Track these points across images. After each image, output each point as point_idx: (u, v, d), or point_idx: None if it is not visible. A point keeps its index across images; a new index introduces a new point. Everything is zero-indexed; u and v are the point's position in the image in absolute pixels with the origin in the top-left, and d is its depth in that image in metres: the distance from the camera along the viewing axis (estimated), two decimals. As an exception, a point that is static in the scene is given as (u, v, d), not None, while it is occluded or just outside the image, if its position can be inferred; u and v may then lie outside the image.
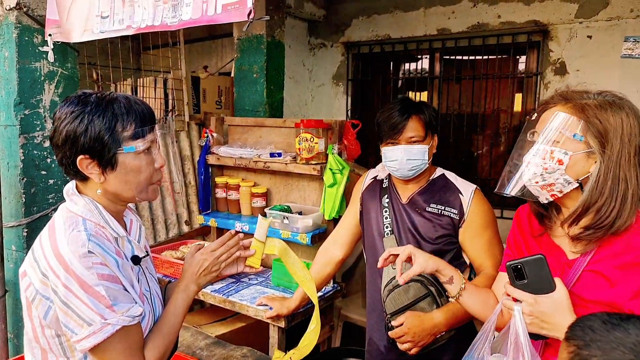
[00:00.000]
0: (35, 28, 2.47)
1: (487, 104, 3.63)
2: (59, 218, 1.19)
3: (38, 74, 2.50)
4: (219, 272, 1.39)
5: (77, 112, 1.15)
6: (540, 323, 1.12)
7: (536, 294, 1.11)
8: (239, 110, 3.59)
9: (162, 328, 1.27)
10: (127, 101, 1.20)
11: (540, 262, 1.12)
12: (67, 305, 1.10)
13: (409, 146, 1.84)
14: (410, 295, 1.80)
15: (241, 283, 2.63)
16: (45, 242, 1.15)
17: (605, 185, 1.12)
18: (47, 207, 2.57)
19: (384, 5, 3.82)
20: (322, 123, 2.55)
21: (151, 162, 1.23)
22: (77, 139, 1.15)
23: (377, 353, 2.00)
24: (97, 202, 1.21)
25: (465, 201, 1.86)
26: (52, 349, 1.19)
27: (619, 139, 1.11)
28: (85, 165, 1.17)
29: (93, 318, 1.10)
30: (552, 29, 3.21)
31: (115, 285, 1.14)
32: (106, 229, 1.20)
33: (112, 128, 1.15)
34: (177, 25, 1.64)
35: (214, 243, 1.40)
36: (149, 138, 1.21)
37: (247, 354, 2.24)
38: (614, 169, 1.12)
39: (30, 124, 2.50)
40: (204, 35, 5.26)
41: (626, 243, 1.11)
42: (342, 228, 2.19)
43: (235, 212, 3.01)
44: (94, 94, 1.20)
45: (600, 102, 1.15)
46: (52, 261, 1.11)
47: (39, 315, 1.16)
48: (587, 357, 0.82)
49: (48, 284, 1.12)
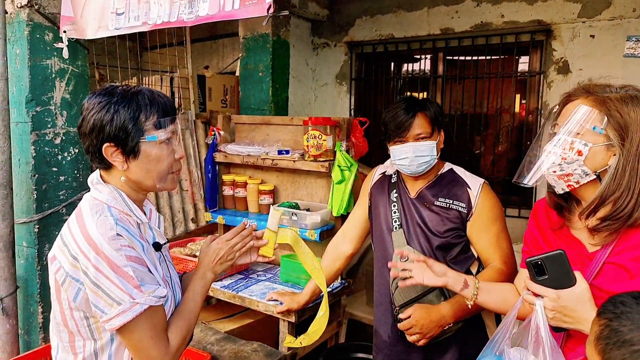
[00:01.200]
0: (46, 26, 2.49)
1: (490, 103, 3.66)
2: (85, 205, 1.24)
3: (49, 71, 2.52)
4: (234, 261, 1.43)
5: (104, 103, 1.21)
6: (562, 317, 1.14)
7: (557, 289, 1.13)
8: (244, 109, 3.61)
9: (183, 312, 1.31)
10: (151, 94, 1.27)
11: (560, 258, 1.13)
12: (98, 285, 1.14)
13: (417, 143, 1.86)
14: (418, 288, 1.84)
15: (250, 279, 2.65)
16: (74, 226, 1.20)
17: (623, 177, 1.14)
18: (58, 204, 2.59)
19: (388, 5, 3.84)
20: (330, 120, 2.58)
21: (171, 152, 1.29)
22: (103, 128, 1.21)
23: (384, 346, 2.02)
24: (121, 190, 1.27)
25: (474, 195, 1.88)
26: (80, 331, 1.23)
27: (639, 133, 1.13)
28: (110, 153, 1.23)
29: (122, 297, 1.14)
30: (555, 29, 3.25)
31: (141, 267, 1.19)
32: (130, 216, 1.25)
33: (136, 118, 1.22)
34: (193, 21, 1.66)
35: (228, 233, 1.44)
36: (170, 129, 1.27)
37: (258, 349, 2.26)
38: (633, 162, 1.13)
39: (41, 120, 2.52)
40: (205, 35, 5.27)
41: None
42: (350, 223, 2.21)
43: (242, 209, 3.03)
44: (121, 86, 1.26)
45: (622, 96, 1.17)
46: (82, 244, 1.15)
47: (68, 297, 1.20)
48: (617, 327, 0.85)
49: (78, 267, 1.16)
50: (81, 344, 1.24)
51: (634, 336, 0.82)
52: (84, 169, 2.72)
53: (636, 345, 0.81)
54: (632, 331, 0.83)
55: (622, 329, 0.84)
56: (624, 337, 0.83)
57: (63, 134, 2.62)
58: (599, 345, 0.87)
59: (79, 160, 2.71)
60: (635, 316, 0.84)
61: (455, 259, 1.88)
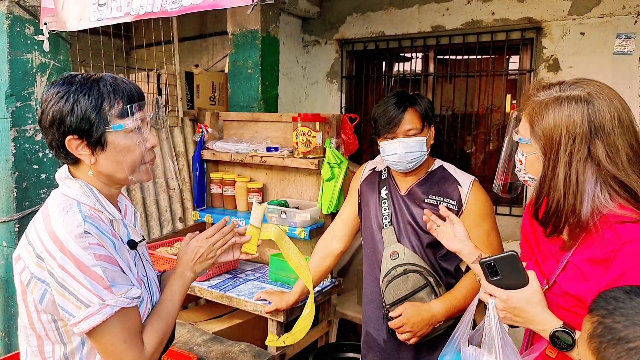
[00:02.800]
0: (27, 19, 2.42)
1: (481, 101, 3.64)
2: (52, 202, 1.16)
3: (30, 65, 2.45)
4: (214, 259, 1.36)
5: (63, 92, 1.13)
6: (512, 317, 1.15)
7: (510, 289, 1.14)
8: (233, 106, 3.56)
9: (160, 314, 1.24)
10: (114, 80, 1.18)
11: (512, 259, 1.14)
12: (64, 287, 1.07)
13: (407, 139, 1.84)
14: (409, 286, 1.81)
15: (238, 279, 2.60)
16: (40, 224, 1.12)
17: (556, 182, 1.10)
18: (40, 202, 2.52)
19: (378, 2, 3.82)
20: (319, 117, 2.54)
21: (142, 142, 1.20)
22: (63, 119, 1.12)
23: (374, 344, 1.99)
24: (91, 185, 1.19)
25: (464, 192, 1.86)
26: (48, 335, 1.16)
27: (561, 139, 1.08)
28: (75, 147, 1.14)
29: (91, 299, 1.07)
30: (545, 26, 3.24)
31: (112, 266, 1.12)
32: (101, 212, 1.18)
33: (98, 106, 1.13)
34: (177, 11, 1.61)
35: (208, 230, 1.37)
36: (138, 116, 1.18)
37: (246, 349, 2.21)
38: (564, 169, 1.09)
39: (21, 116, 2.45)
40: (195, 34, 5.22)
41: (601, 237, 1.09)
42: (340, 220, 2.17)
43: (231, 208, 2.98)
44: (80, 74, 1.18)
45: (546, 101, 1.12)
46: (47, 243, 1.08)
47: (34, 299, 1.13)
48: (610, 324, 0.81)
49: (44, 267, 1.09)
50: (50, 348, 1.17)
51: (629, 333, 0.78)
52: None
53: (632, 343, 0.78)
54: (627, 327, 0.79)
55: (616, 326, 0.80)
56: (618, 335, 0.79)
57: (45, 130, 2.55)
58: (592, 343, 0.83)
59: (62, 158, 2.64)
60: (629, 312, 0.81)
61: (445, 257, 1.86)
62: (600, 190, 1.08)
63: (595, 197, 1.08)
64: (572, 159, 1.08)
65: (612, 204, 1.08)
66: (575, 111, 1.08)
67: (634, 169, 1.08)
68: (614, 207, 1.08)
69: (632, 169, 1.08)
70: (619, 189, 1.08)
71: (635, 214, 1.06)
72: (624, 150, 1.07)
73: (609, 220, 1.08)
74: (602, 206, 1.08)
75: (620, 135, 1.07)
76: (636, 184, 1.07)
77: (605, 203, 1.08)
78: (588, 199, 1.08)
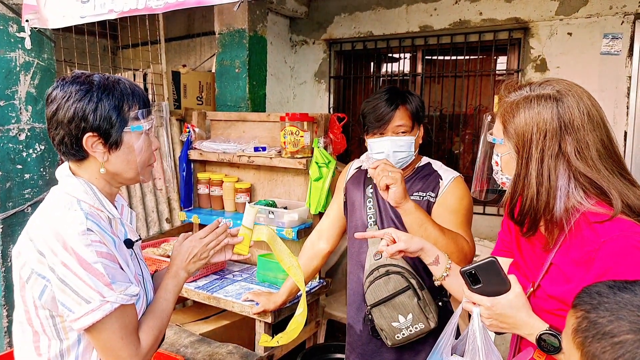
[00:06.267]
0: (10, 17, 2.38)
1: (469, 101, 3.65)
2: (53, 198, 1.19)
3: (13, 64, 2.41)
4: (208, 259, 1.40)
5: (84, 90, 1.16)
6: (499, 324, 1.14)
7: (493, 296, 1.13)
8: (220, 106, 3.53)
9: (155, 312, 1.26)
10: (130, 83, 1.24)
11: (492, 265, 1.13)
12: (65, 283, 1.09)
13: (396, 138, 1.82)
14: (390, 288, 1.77)
15: (226, 279, 2.57)
16: (41, 220, 1.15)
17: (529, 179, 1.10)
18: (23, 203, 2.48)
19: (366, 2, 3.81)
20: (307, 116, 2.53)
21: (152, 143, 1.27)
22: (86, 117, 1.15)
23: (357, 344, 1.98)
24: (92, 184, 1.22)
25: (443, 184, 1.85)
26: (45, 330, 1.17)
27: (532, 137, 1.09)
28: (91, 144, 1.17)
29: (92, 296, 1.09)
30: (532, 26, 3.25)
31: (112, 263, 1.14)
32: (101, 211, 1.20)
33: (119, 107, 1.18)
34: (162, 8, 1.59)
35: (202, 231, 1.41)
36: (149, 119, 1.24)
37: (233, 351, 2.19)
38: (536, 165, 1.09)
39: (4, 116, 2.41)
40: (182, 34, 5.19)
41: (581, 237, 1.08)
42: (327, 220, 2.16)
43: (218, 208, 2.95)
44: (94, 74, 1.21)
45: (516, 101, 1.13)
46: (49, 239, 1.10)
47: (33, 295, 1.15)
48: (595, 319, 0.81)
49: (45, 262, 1.11)
50: (46, 344, 1.18)
51: (614, 327, 0.78)
52: (50, 167, 2.61)
53: (617, 337, 0.77)
54: (612, 322, 0.79)
55: (601, 321, 0.80)
56: (603, 329, 0.79)
57: (28, 130, 2.51)
58: (577, 338, 0.82)
59: (45, 158, 2.59)
60: (613, 306, 0.80)
61: None
62: (575, 187, 1.08)
63: (570, 194, 1.08)
64: (543, 155, 1.08)
65: (589, 201, 1.08)
66: (545, 108, 1.09)
67: (605, 165, 1.08)
68: (591, 205, 1.07)
69: (604, 164, 1.08)
70: (588, 186, 1.08)
71: (609, 210, 1.06)
72: (594, 146, 1.08)
73: (588, 219, 1.08)
74: (579, 204, 1.08)
75: (591, 131, 1.08)
76: (604, 180, 1.07)
77: (582, 201, 1.08)
78: (561, 196, 1.08)
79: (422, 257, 1.43)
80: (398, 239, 1.40)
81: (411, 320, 1.75)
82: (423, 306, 1.75)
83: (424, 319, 1.75)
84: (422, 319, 1.75)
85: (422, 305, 1.75)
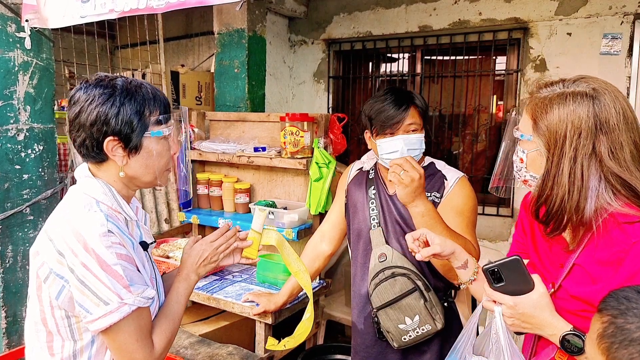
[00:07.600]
0: (9, 16, 2.36)
1: (468, 101, 3.65)
2: (73, 199, 1.20)
3: (12, 64, 2.40)
4: (217, 262, 1.42)
5: (108, 94, 1.17)
6: (521, 324, 1.12)
7: (515, 295, 1.11)
8: (219, 106, 3.52)
9: (168, 315, 1.27)
10: (152, 88, 1.25)
11: (516, 263, 1.11)
12: (84, 284, 1.10)
13: (409, 136, 1.80)
14: (396, 290, 1.77)
15: (225, 280, 2.56)
16: (61, 221, 1.15)
17: (560, 177, 1.08)
18: (22, 204, 2.46)
19: (365, 2, 3.80)
20: (307, 117, 2.52)
21: (169, 148, 1.28)
22: (108, 121, 1.16)
23: (362, 347, 1.97)
24: (111, 186, 1.23)
25: (448, 185, 1.85)
26: (59, 331, 1.18)
27: (567, 134, 1.07)
28: (112, 147, 1.18)
29: (110, 297, 1.10)
30: (532, 26, 3.25)
31: (131, 266, 1.16)
32: (119, 212, 1.21)
33: (141, 112, 1.19)
34: (163, 7, 1.58)
35: (212, 234, 1.42)
36: (170, 124, 1.26)
37: (233, 352, 2.18)
38: (569, 164, 1.07)
39: (3, 116, 2.40)
40: (180, 34, 5.17)
41: (609, 237, 1.07)
42: (329, 222, 2.15)
43: (217, 208, 2.94)
44: (117, 77, 1.22)
45: (550, 97, 1.11)
46: (69, 239, 1.11)
47: (50, 295, 1.15)
48: (622, 324, 0.80)
49: (64, 263, 1.12)
50: (60, 344, 1.19)
51: None
52: (49, 167, 2.59)
53: None
54: None
55: (629, 327, 0.79)
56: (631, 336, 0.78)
57: (27, 130, 2.49)
58: (602, 343, 0.81)
59: (44, 158, 2.58)
60: None
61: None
62: (605, 188, 1.06)
63: (599, 195, 1.06)
64: (577, 154, 1.06)
65: (617, 202, 1.06)
66: (581, 106, 1.06)
67: (638, 166, 1.07)
68: (619, 206, 1.06)
69: (636, 166, 1.07)
70: (620, 187, 1.06)
71: (639, 212, 1.05)
72: (627, 147, 1.06)
73: (617, 219, 1.06)
74: (607, 204, 1.06)
75: (625, 131, 1.06)
76: (637, 181, 1.05)
77: (610, 201, 1.06)
78: (592, 196, 1.06)
79: (451, 260, 1.39)
80: (432, 242, 1.36)
81: (418, 322, 1.74)
82: (430, 307, 1.75)
83: (431, 320, 1.75)
84: (429, 320, 1.75)
85: (429, 306, 1.75)
